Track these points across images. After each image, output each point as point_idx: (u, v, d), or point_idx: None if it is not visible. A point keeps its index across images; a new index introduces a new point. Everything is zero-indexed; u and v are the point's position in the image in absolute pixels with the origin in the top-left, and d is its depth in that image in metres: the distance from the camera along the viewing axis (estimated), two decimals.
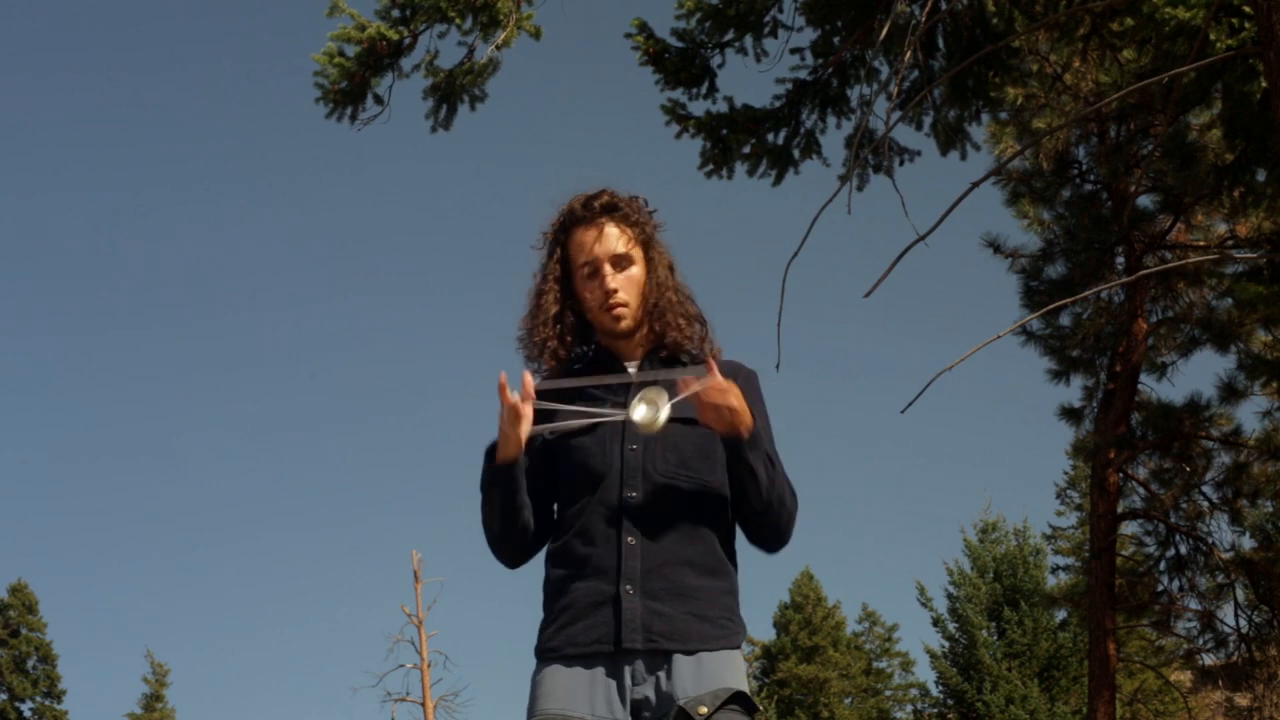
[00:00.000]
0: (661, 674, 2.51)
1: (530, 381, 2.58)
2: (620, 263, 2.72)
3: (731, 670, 2.55)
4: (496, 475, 2.60)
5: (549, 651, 2.58)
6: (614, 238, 2.72)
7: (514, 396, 2.55)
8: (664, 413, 2.49)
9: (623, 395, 2.67)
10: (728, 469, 2.63)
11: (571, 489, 2.66)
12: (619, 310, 2.71)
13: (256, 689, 43.36)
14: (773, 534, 2.66)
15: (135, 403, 47.55)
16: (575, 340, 2.76)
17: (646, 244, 2.77)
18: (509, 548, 2.69)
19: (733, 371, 2.73)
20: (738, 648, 2.60)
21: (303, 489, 47.25)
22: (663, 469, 2.61)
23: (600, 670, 2.53)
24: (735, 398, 2.53)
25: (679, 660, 2.52)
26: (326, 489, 47.51)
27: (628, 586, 2.53)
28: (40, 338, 48.34)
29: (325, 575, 45.99)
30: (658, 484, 2.60)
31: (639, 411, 2.50)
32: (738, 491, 2.63)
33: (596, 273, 2.72)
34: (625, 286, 2.72)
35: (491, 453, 2.62)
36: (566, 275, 2.76)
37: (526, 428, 2.56)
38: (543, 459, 2.71)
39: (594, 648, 2.53)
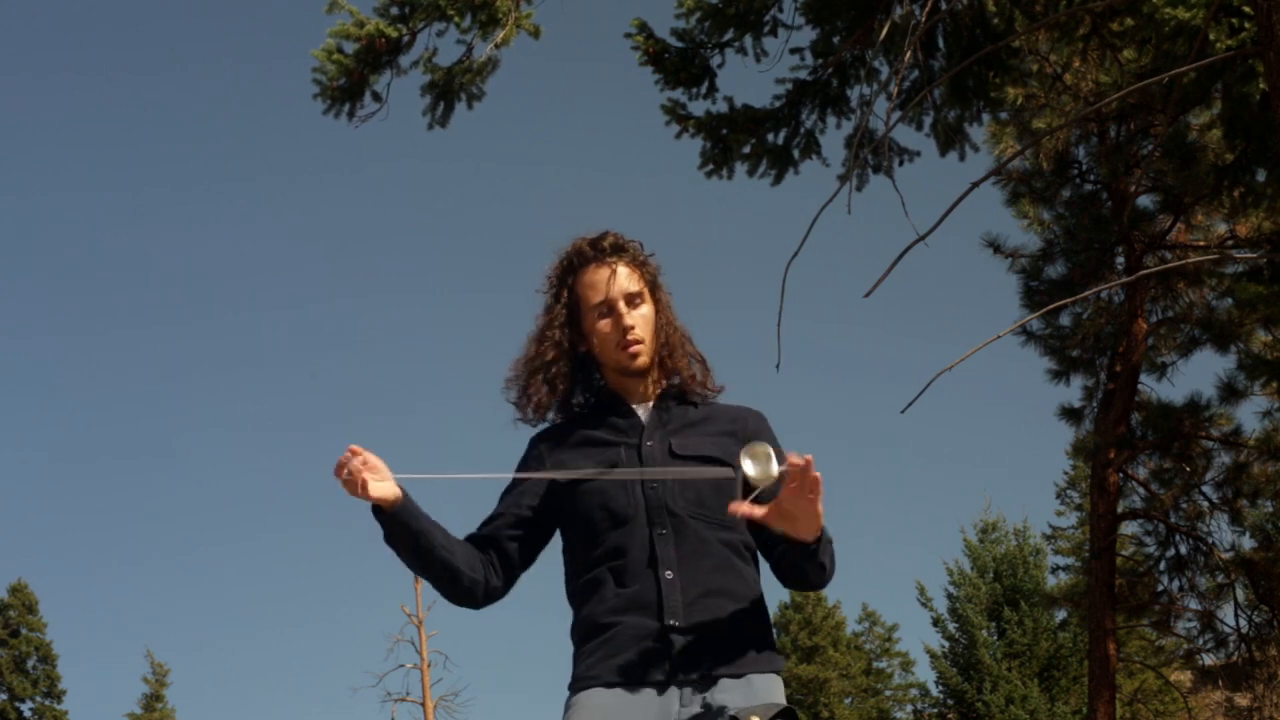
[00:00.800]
0: (708, 694, 2.52)
1: (354, 449, 2.56)
2: (633, 301, 2.73)
3: (779, 691, 2.57)
4: (386, 533, 2.59)
5: (591, 679, 2.55)
6: (625, 276, 2.73)
7: (345, 473, 2.52)
8: (775, 466, 2.43)
9: (634, 437, 2.69)
10: (780, 548, 2.60)
11: (590, 529, 2.64)
12: (635, 348, 2.71)
13: (256, 689, 43.39)
14: (814, 587, 2.69)
15: (135, 403, 47.57)
16: (570, 389, 2.76)
17: (653, 284, 2.79)
18: (458, 590, 2.66)
19: (744, 415, 2.76)
20: (780, 673, 2.61)
21: (303, 489, 47.27)
22: (683, 507, 2.61)
23: (647, 692, 2.52)
24: (792, 509, 2.46)
25: (726, 681, 2.52)
26: (326, 488, 47.37)
27: (673, 620, 2.53)
28: (40, 338, 48.37)
29: (325, 575, 46.05)
30: (684, 520, 2.60)
31: (750, 468, 2.43)
32: (792, 571, 2.63)
33: (612, 310, 2.71)
34: (640, 324, 2.72)
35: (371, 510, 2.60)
36: (573, 317, 2.76)
37: (379, 489, 2.54)
38: (542, 496, 2.70)
39: (644, 680, 2.52)
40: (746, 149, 8.16)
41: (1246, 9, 6.56)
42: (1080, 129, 14.23)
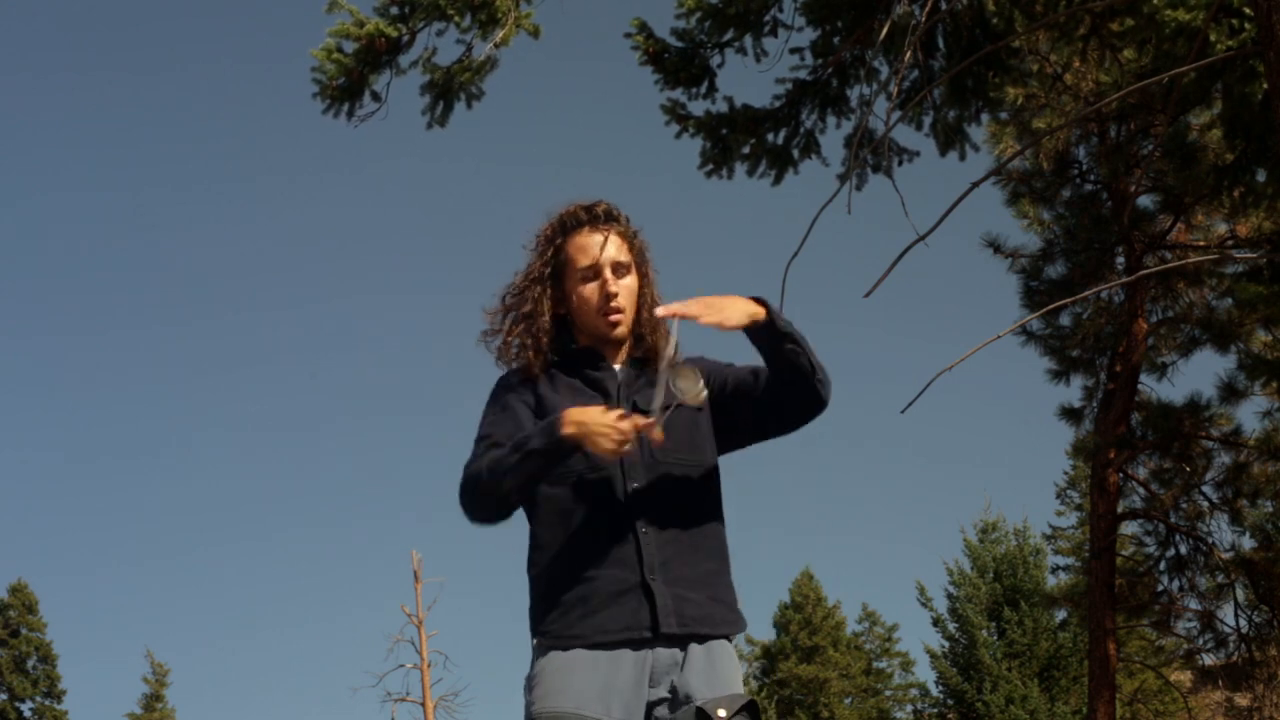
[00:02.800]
0: (678, 663, 2.55)
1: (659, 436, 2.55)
2: (620, 270, 2.77)
3: (735, 666, 2.62)
4: (561, 448, 2.55)
5: (573, 639, 2.55)
6: (616, 245, 2.78)
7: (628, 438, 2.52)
8: (701, 383, 2.54)
9: (614, 390, 2.73)
10: (768, 363, 2.69)
11: (566, 474, 2.64)
12: (616, 316, 2.75)
13: (256, 689, 43.41)
14: (820, 394, 2.75)
15: (135, 403, 47.61)
16: (551, 343, 2.78)
17: (640, 258, 2.83)
18: (499, 510, 2.66)
19: (697, 360, 2.80)
20: (735, 635, 2.67)
21: (303, 489, 47.31)
22: (660, 455, 2.63)
23: (621, 665, 2.54)
24: (717, 299, 2.58)
25: (694, 650, 2.56)
26: (326, 489, 47.54)
27: (652, 575, 2.56)
28: (41, 338, 48.40)
29: (325, 575, 46.05)
30: (659, 472, 2.63)
31: (685, 385, 2.53)
32: (785, 372, 2.68)
33: (598, 275, 2.75)
34: (623, 293, 2.76)
35: (556, 429, 2.56)
36: (557, 276, 2.79)
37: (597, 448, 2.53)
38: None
39: (624, 634, 2.54)
40: (746, 149, 8.16)
41: (1246, 9, 6.56)
42: (1080, 129, 14.22)
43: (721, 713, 2.49)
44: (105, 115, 47.56)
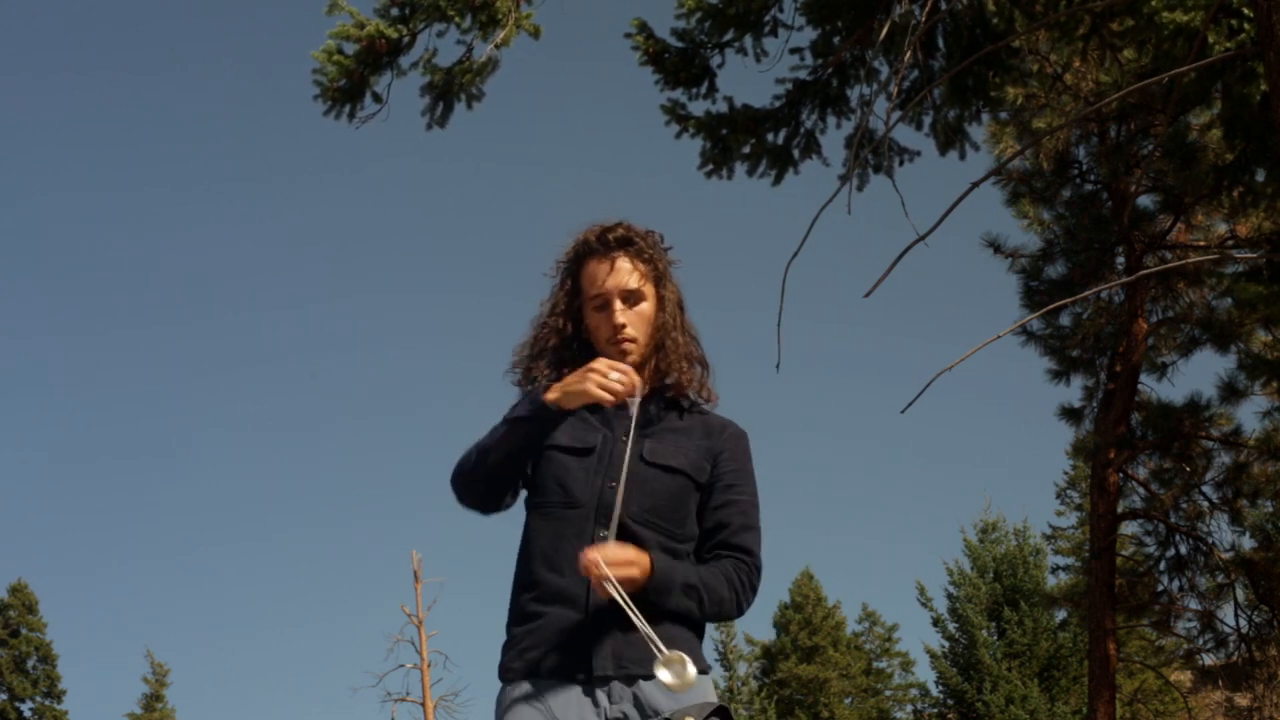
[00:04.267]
0: (637, 691, 2.50)
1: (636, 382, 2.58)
2: (631, 298, 2.71)
3: (706, 690, 2.55)
4: (541, 413, 2.57)
5: (514, 671, 2.55)
6: (626, 272, 2.71)
7: (622, 381, 2.54)
8: (691, 672, 2.42)
9: (617, 429, 2.67)
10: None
11: (543, 501, 2.64)
12: (626, 345, 2.70)
13: (256, 689, 43.40)
14: (722, 619, 2.66)
15: (135, 402, 47.58)
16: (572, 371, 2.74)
17: (658, 281, 2.76)
18: (488, 488, 2.64)
19: (723, 431, 2.73)
20: (707, 672, 2.59)
21: (303, 489, 47.31)
22: (635, 513, 2.58)
23: (573, 690, 2.51)
24: (626, 569, 2.46)
25: (646, 685, 2.50)
26: (326, 489, 47.54)
27: (599, 615, 2.51)
28: (40, 338, 48.37)
29: (325, 575, 46.05)
30: (629, 528, 2.56)
31: (665, 675, 2.41)
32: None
33: (606, 306, 2.71)
34: (634, 322, 2.71)
35: (537, 395, 2.58)
36: (573, 306, 2.76)
37: (590, 399, 2.55)
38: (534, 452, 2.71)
39: (565, 673, 2.51)
40: (746, 149, 8.16)
41: (1246, 9, 6.56)
42: (1080, 129, 14.23)
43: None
44: (105, 115, 47.59)
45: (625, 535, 2.54)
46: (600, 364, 2.55)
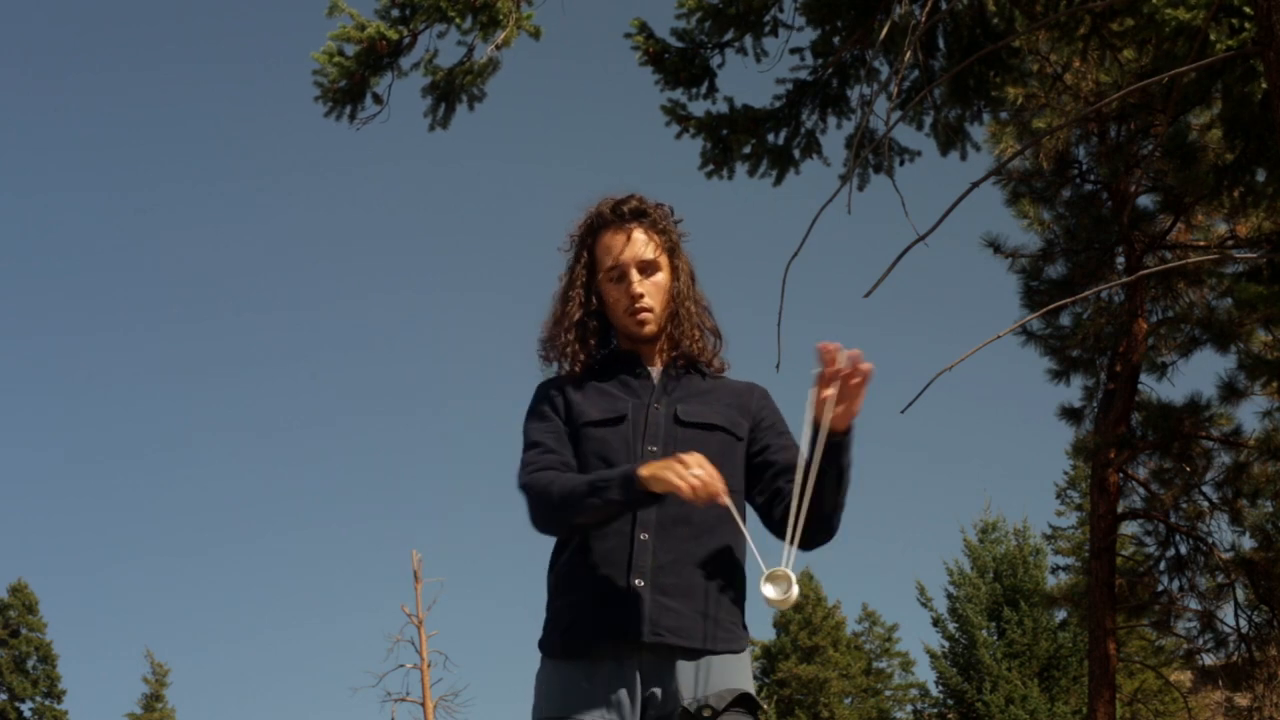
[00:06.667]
0: (667, 674, 2.51)
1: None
2: (647, 269, 2.74)
3: (738, 672, 2.55)
4: (639, 499, 2.49)
5: (554, 646, 2.58)
6: (641, 243, 2.74)
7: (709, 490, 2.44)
8: (794, 591, 2.40)
9: (645, 397, 2.70)
10: (820, 463, 2.51)
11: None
12: (644, 315, 2.72)
13: (256, 689, 43.37)
14: (830, 531, 2.62)
15: (135, 403, 47.58)
16: (598, 344, 2.77)
17: (672, 252, 2.79)
18: (568, 532, 2.62)
19: (749, 390, 2.78)
20: (743, 651, 2.60)
21: (303, 489, 47.28)
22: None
23: (606, 668, 2.52)
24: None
25: (682, 665, 2.51)
26: (326, 489, 47.52)
27: (638, 580, 2.52)
28: (41, 338, 48.36)
29: (325, 575, 46.01)
30: None
31: (769, 590, 2.40)
32: (816, 492, 2.51)
33: (623, 277, 2.73)
34: (651, 292, 2.73)
35: (634, 484, 2.48)
36: (591, 278, 2.77)
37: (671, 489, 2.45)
38: (568, 444, 2.70)
39: (601, 640, 2.52)
40: (747, 149, 8.17)
41: (1247, 9, 6.56)
42: (1080, 129, 14.23)
43: (708, 711, 2.45)
44: (105, 115, 47.57)
45: (666, 497, 2.52)
46: (691, 459, 2.43)
